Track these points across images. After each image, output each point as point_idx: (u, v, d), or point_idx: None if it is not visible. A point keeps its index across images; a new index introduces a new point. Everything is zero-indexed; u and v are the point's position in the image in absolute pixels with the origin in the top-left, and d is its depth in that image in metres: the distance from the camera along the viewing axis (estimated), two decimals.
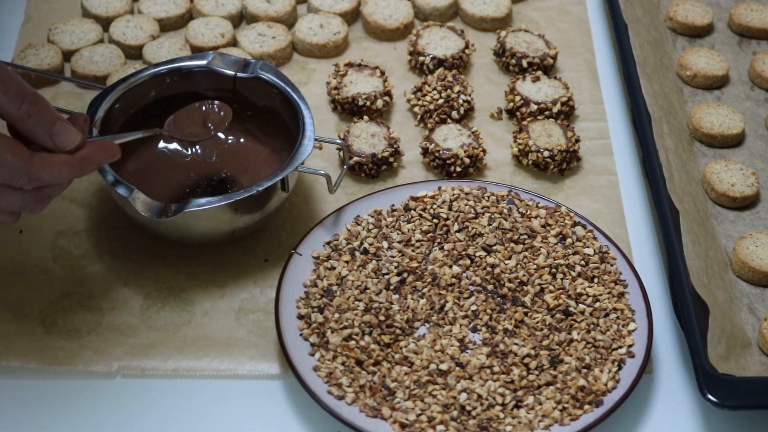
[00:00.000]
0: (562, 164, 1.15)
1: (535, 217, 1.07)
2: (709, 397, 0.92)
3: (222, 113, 1.06)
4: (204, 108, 1.06)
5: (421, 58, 1.24)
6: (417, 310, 1.00)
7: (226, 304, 1.03)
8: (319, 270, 1.02)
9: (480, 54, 1.28)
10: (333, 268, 1.03)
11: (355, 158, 1.12)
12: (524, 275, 1.02)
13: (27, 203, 0.90)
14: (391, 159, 1.13)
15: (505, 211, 1.07)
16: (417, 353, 0.97)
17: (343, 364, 0.95)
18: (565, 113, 1.20)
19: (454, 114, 1.18)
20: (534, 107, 1.19)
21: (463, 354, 0.97)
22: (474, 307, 1.00)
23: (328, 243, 1.05)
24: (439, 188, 1.09)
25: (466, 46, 1.25)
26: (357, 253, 1.04)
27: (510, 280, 1.02)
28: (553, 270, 1.02)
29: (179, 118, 1.05)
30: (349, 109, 1.19)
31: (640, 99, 1.17)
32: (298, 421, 0.96)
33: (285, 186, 1.03)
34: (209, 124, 1.06)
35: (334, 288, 1.01)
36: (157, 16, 1.28)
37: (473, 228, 1.05)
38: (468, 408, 0.93)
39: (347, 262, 1.03)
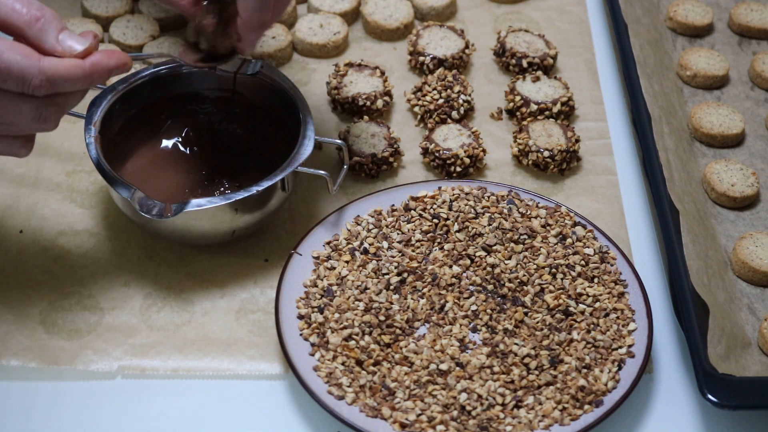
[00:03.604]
0: (562, 164, 1.15)
1: (535, 217, 1.07)
2: (709, 397, 0.92)
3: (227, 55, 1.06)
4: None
5: (421, 58, 1.24)
6: (417, 310, 1.00)
7: (226, 304, 1.03)
8: (319, 270, 1.02)
9: (480, 54, 1.28)
10: (333, 268, 1.03)
11: (355, 158, 1.12)
12: (524, 275, 1.02)
13: (42, 112, 0.88)
14: (391, 159, 1.13)
15: (505, 211, 1.07)
16: (417, 353, 0.97)
17: (343, 364, 0.96)
18: (565, 113, 1.20)
19: (454, 114, 1.18)
20: (534, 107, 1.19)
21: (463, 354, 0.97)
22: (474, 307, 1.00)
23: (328, 243, 1.05)
24: (439, 188, 1.09)
25: (466, 46, 1.25)
26: (357, 253, 1.04)
27: (510, 280, 1.02)
28: (553, 270, 1.03)
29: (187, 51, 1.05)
30: (349, 109, 1.19)
31: (640, 99, 1.17)
32: (298, 421, 0.96)
33: (285, 186, 1.03)
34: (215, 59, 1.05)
35: (334, 288, 1.01)
36: (157, 16, 1.28)
37: (473, 228, 1.05)
38: (468, 408, 0.93)
39: (347, 262, 1.03)
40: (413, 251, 1.05)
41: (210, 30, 1.02)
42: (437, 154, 1.13)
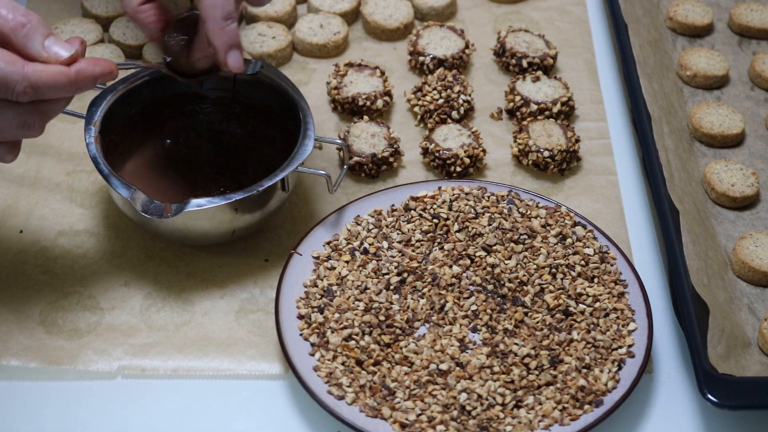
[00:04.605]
0: (562, 164, 1.15)
1: (535, 217, 1.07)
2: (709, 397, 0.92)
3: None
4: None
5: (421, 58, 1.24)
6: (417, 310, 1.00)
7: (226, 304, 1.03)
8: (319, 270, 1.02)
9: (480, 54, 1.28)
10: (333, 268, 1.03)
11: (355, 158, 1.12)
12: (524, 275, 1.02)
13: (25, 119, 0.87)
14: (391, 159, 1.13)
15: (505, 211, 1.07)
16: (417, 353, 0.97)
17: (343, 364, 0.96)
18: (565, 113, 1.20)
19: (454, 114, 1.18)
20: (534, 107, 1.19)
21: (463, 354, 0.97)
22: (474, 307, 1.00)
23: (328, 243, 1.05)
24: (439, 188, 1.09)
25: (466, 46, 1.25)
26: (357, 253, 1.04)
27: (510, 280, 1.02)
28: (553, 270, 1.03)
29: (171, 47, 1.03)
30: (349, 109, 1.19)
31: (640, 99, 1.17)
32: (298, 421, 0.96)
33: (285, 186, 1.03)
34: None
35: (334, 288, 1.01)
36: None
37: (473, 228, 1.05)
38: (468, 408, 0.93)
39: (347, 262, 1.03)
40: (413, 251, 1.05)
41: (178, 50, 1.01)
42: (437, 154, 1.13)
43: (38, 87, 0.86)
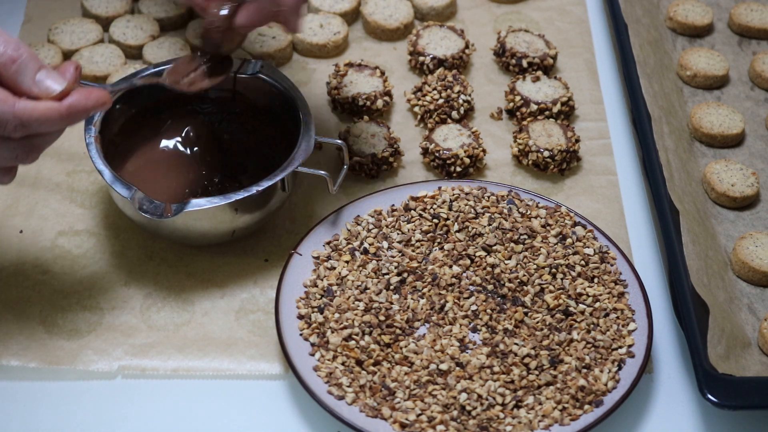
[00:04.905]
0: (562, 164, 1.15)
1: (535, 217, 1.07)
2: (709, 397, 0.92)
3: (222, 64, 1.04)
4: (202, 59, 1.04)
5: (421, 58, 1.24)
6: (417, 310, 1.00)
7: (226, 304, 1.03)
8: (319, 270, 1.02)
9: (480, 54, 1.28)
10: (333, 268, 1.03)
11: (355, 158, 1.12)
12: (524, 275, 1.02)
13: (17, 153, 0.87)
14: (391, 159, 1.13)
15: (505, 211, 1.07)
16: (417, 353, 0.97)
17: (343, 364, 0.96)
18: (565, 113, 1.20)
19: (454, 114, 1.18)
20: (534, 107, 1.19)
21: (463, 354, 0.97)
22: (474, 307, 1.00)
23: (328, 243, 1.05)
24: (439, 188, 1.09)
25: (466, 46, 1.25)
26: (357, 253, 1.04)
27: (510, 280, 1.02)
28: (553, 270, 1.03)
29: (177, 69, 1.03)
30: (349, 109, 1.19)
31: (640, 99, 1.17)
32: (298, 421, 0.96)
33: (285, 186, 1.03)
34: (209, 76, 1.03)
35: (334, 288, 1.01)
36: (157, 16, 1.28)
37: (473, 228, 1.05)
38: (468, 408, 0.93)
39: (347, 262, 1.03)
40: (413, 251, 1.05)
41: (220, 24, 0.99)
42: (437, 154, 1.13)
43: (29, 124, 0.85)
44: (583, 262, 1.03)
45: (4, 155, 0.87)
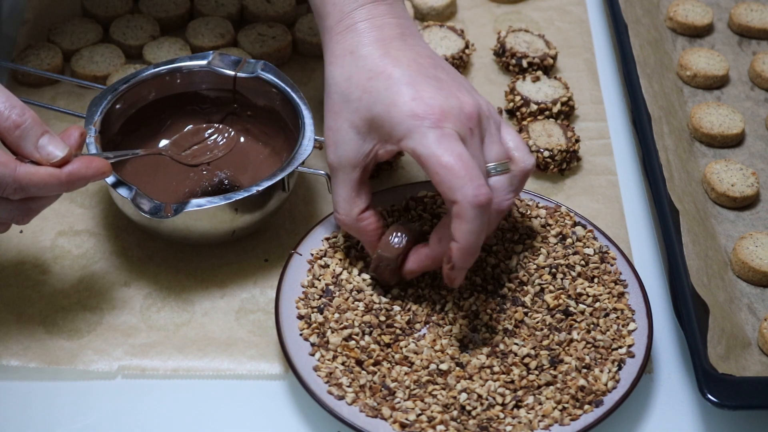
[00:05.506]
0: (562, 164, 1.15)
1: (535, 217, 1.07)
2: (709, 397, 0.92)
3: (225, 136, 1.08)
4: (206, 131, 1.08)
5: None
6: (417, 311, 1.00)
7: (226, 304, 1.03)
8: (314, 269, 1.02)
9: (480, 54, 1.28)
10: (327, 266, 1.02)
11: None
12: (524, 275, 1.02)
13: (14, 215, 0.90)
14: (391, 159, 1.13)
15: None
16: (417, 353, 0.97)
17: (343, 364, 0.96)
18: (565, 113, 1.20)
19: None
20: (534, 107, 1.19)
21: (463, 354, 0.97)
22: (474, 307, 1.00)
23: (327, 239, 1.05)
24: None
25: (466, 46, 1.25)
26: (352, 251, 1.04)
27: (510, 280, 1.02)
28: (553, 270, 1.02)
29: (181, 140, 1.07)
30: None
31: (640, 99, 1.17)
32: (298, 421, 0.96)
33: (285, 186, 1.03)
34: (212, 149, 1.08)
35: (332, 288, 1.01)
36: (157, 16, 1.28)
37: None
38: (468, 408, 0.93)
39: (341, 259, 1.03)
40: None
41: (396, 253, 0.97)
42: None
43: (29, 189, 0.87)
44: (583, 262, 1.03)
45: (1, 215, 0.89)
